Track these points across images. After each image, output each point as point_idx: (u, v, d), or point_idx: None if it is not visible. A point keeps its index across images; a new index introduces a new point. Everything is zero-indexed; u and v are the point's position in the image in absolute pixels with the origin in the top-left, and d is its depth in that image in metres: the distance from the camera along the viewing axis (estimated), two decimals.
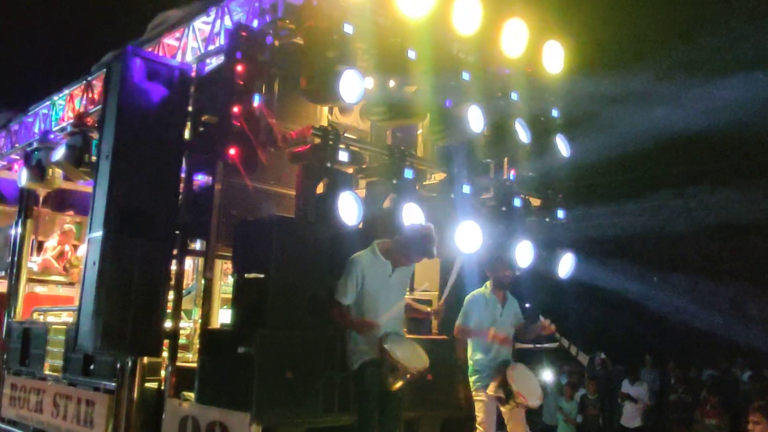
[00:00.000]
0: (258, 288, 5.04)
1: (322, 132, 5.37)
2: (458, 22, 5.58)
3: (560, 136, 6.72)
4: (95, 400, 6.12)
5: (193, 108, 5.65)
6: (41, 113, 8.26)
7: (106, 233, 5.22)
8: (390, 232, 5.20)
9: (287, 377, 4.78)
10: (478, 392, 5.61)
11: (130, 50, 5.66)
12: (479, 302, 5.75)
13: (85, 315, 5.25)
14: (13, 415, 7.60)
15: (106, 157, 5.38)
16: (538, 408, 5.82)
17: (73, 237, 9.44)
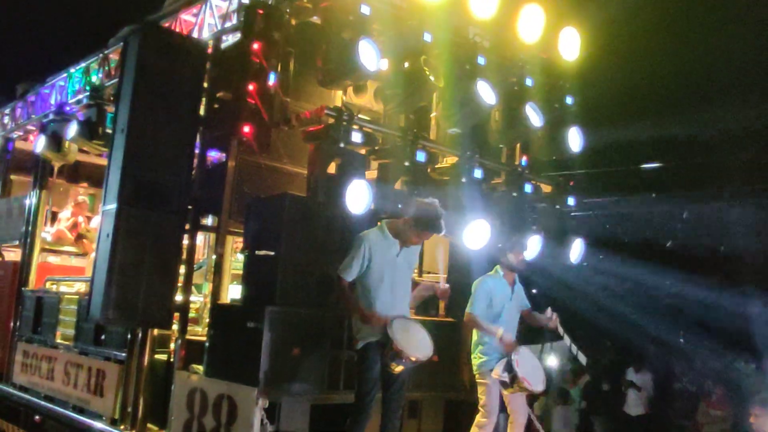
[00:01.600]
0: (268, 265, 5.06)
1: (335, 112, 5.36)
2: (475, 5, 5.55)
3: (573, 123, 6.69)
4: (106, 369, 6.20)
5: (208, 84, 5.66)
6: (58, 85, 8.29)
7: (120, 206, 5.24)
8: (398, 212, 5.20)
9: (294, 354, 4.83)
10: (483, 376, 5.62)
11: (146, 25, 5.66)
12: (488, 286, 5.76)
13: (98, 286, 5.28)
14: (24, 381, 7.70)
15: (122, 130, 5.39)
16: (542, 393, 5.84)
17: (87, 208, 9.52)
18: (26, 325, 7.88)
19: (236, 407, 4.66)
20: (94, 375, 6.36)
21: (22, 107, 9.32)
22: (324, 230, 5.17)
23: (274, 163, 6.02)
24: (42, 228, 8.74)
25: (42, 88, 8.65)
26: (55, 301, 7.45)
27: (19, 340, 8.03)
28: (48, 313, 7.50)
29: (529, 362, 5.60)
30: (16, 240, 8.87)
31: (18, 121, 9.43)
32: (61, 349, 7.06)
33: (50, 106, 8.26)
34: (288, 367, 4.79)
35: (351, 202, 5.06)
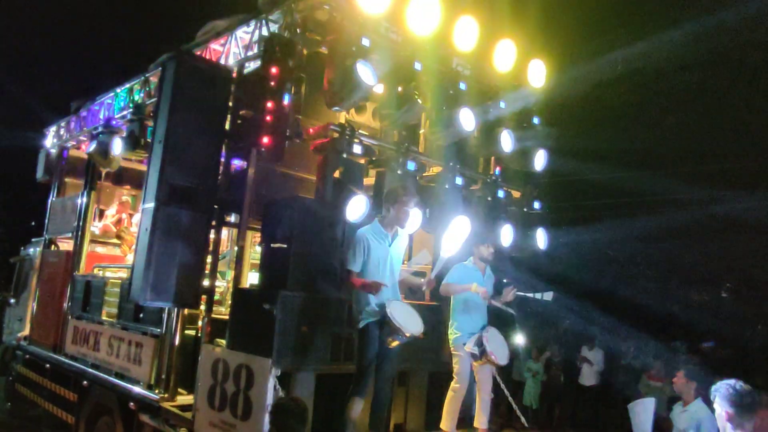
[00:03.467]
0: (281, 256, 5.04)
1: (339, 128, 5.37)
2: (458, 40, 5.56)
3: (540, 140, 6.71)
4: (143, 342, 6.18)
5: (232, 103, 5.65)
6: (106, 102, 8.26)
7: (157, 205, 5.22)
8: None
9: (302, 331, 4.82)
10: (457, 349, 5.65)
11: (182, 52, 5.65)
12: (462, 269, 5.79)
13: (138, 272, 5.27)
14: (74, 351, 7.67)
15: (159, 141, 5.37)
16: (505, 366, 5.84)
17: (129, 207, 9.50)
18: (77, 305, 7.85)
19: (253, 375, 4.64)
20: (133, 347, 6.34)
21: (75, 121, 9.30)
22: (328, 227, 5.17)
23: (287, 170, 6.05)
24: (91, 223, 8.72)
25: (92, 105, 8.63)
26: (101, 285, 7.43)
27: (70, 317, 7.99)
28: (95, 295, 7.48)
29: (497, 340, 5.63)
30: (69, 233, 8.84)
31: (72, 133, 9.41)
32: (106, 325, 7.03)
33: (99, 120, 8.24)
34: (297, 342, 4.79)
35: (350, 212, 5.06)
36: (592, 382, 12.50)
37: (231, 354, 4.92)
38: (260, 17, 5.61)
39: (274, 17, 5.49)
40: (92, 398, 7.06)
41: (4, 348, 10.90)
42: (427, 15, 5.14)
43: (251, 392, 4.61)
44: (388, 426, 5.24)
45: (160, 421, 5.61)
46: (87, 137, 8.73)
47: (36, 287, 9.44)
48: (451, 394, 5.66)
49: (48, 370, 8.33)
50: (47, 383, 8.30)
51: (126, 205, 9.46)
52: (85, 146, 8.94)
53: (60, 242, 9.39)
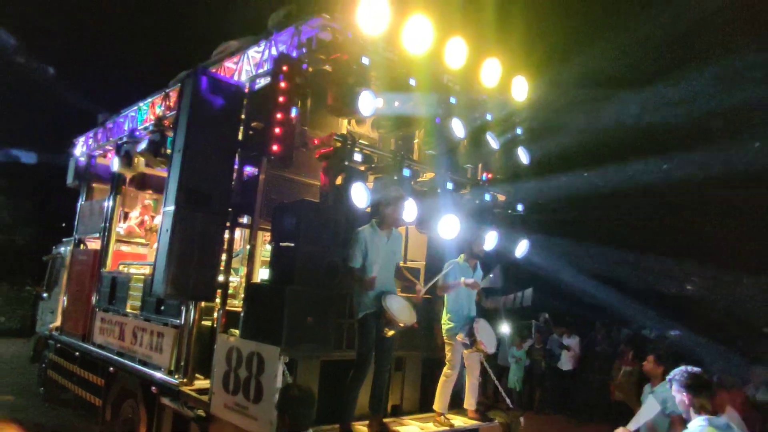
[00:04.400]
0: (289, 254, 5.06)
1: (342, 138, 5.38)
2: (448, 59, 5.61)
3: (522, 148, 6.73)
4: (164, 332, 6.19)
5: (245, 116, 5.66)
6: (130, 115, 8.28)
7: (176, 208, 5.23)
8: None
9: (308, 322, 4.83)
10: (449, 338, 5.66)
11: (199, 70, 5.65)
12: (455, 266, 5.81)
13: (159, 268, 5.27)
14: (101, 341, 7.68)
15: (179, 150, 5.39)
16: (493, 353, 5.87)
17: (151, 210, 9.50)
18: (103, 298, 7.86)
19: (264, 362, 4.64)
20: (155, 336, 6.34)
21: (102, 132, 9.31)
22: (331, 228, 5.18)
23: (294, 176, 6.04)
24: (116, 224, 8.75)
25: (117, 117, 8.65)
26: (126, 280, 7.44)
27: (97, 310, 8.00)
28: (120, 289, 7.49)
29: (485, 330, 5.64)
30: (97, 233, 8.86)
31: (99, 143, 9.43)
32: (130, 317, 7.04)
33: (124, 132, 8.26)
34: (303, 332, 4.79)
35: (355, 200, 5.09)
36: (569, 366, 12.52)
37: (244, 342, 4.93)
38: (269, 38, 5.64)
39: (282, 38, 5.51)
40: (118, 383, 7.07)
41: (37, 338, 10.90)
42: (420, 36, 5.17)
43: (262, 377, 4.62)
44: (386, 407, 5.25)
45: (179, 404, 5.62)
46: (113, 147, 8.76)
47: (66, 283, 9.45)
48: (443, 379, 5.67)
49: (77, 357, 8.33)
50: (77, 370, 8.31)
51: (148, 207, 9.47)
52: (110, 155, 8.95)
53: (88, 242, 9.41)
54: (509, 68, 6.18)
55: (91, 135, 9.72)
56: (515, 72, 6.30)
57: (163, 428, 5.95)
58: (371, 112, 5.17)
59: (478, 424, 5.62)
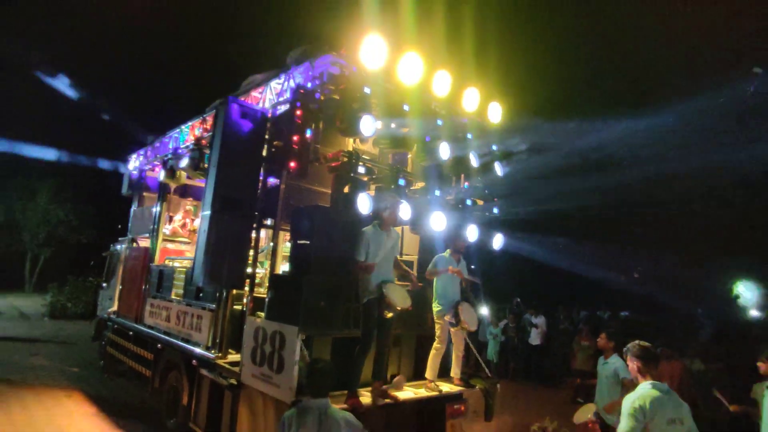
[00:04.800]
0: (305, 250, 5.04)
1: (348, 154, 5.38)
2: (436, 88, 5.58)
3: (497, 162, 6.72)
4: (202, 315, 6.17)
5: (268, 136, 5.66)
6: (173, 136, 8.26)
7: (212, 212, 5.24)
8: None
9: (321, 306, 4.82)
10: (439, 318, 5.66)
11: (230, 99, 5.65)
12: (442, 260, 5.81)
13: (198, 262, 5.28)
14: (151, 322, 7.67)
15: (214, 165, 5.39)
16: (474, 331, 5.86)
17: (192, 214, 9.49)
18: (152, 287, 7.84)
19: (284, 339, 4.63)
20: (195, 318, 6.33)
21: (150, 150, 9.31)
22: (340, 228, 5.16)
23: (309, 185, 6.04)
24: (163, 226, 8.74)
25: (163, 138, 8.63)
26: (171, 272, 7.43)
27: (147, 296, 7.98)
28: (166, 279, 7.47)
29: (468, 311, 5.64)
30: (147, 233, 8.85)
31: (148, 159, 9.41)
32: (174, 302, 7.02)
33: (168, 150, 8.25)
34: (317, 314, 4.78)
35: (359, 207, 5.09)
36: (537, 341, 12.50)
37: (268, 323, 4.92)
38: (288, 72, 5.64)
39: (299, 72, 5.52)
40: (164, 357, 7.06)
41: (98, 320, 10.88)
42: (412, 70, 5.16)
43: (284, 351, 4.61)
44: (386, 376, 5.23)
45: (215, 374, 5.61)
46: (159, 162, 8.75)
47: (122, 274, 9.44)
48: (433, 352, 5.67)
49: (131, 336, 8.32)
50: (131, 346, 8.29)
51: (189, 212, 9.46)
52: (158, 169, 8.95)
53: (140, 240, 9.39)
54: (486, 95, 6.17)
55: (141, 152, 9.73)
56: (491, 98, 6.29)
57: (201, 395, 5.93)
58: (372, 133, 5.17)
59: (462, 390, 5.61)
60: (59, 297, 19.24)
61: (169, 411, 6.68)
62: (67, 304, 19.11)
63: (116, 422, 6.95)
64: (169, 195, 8.89)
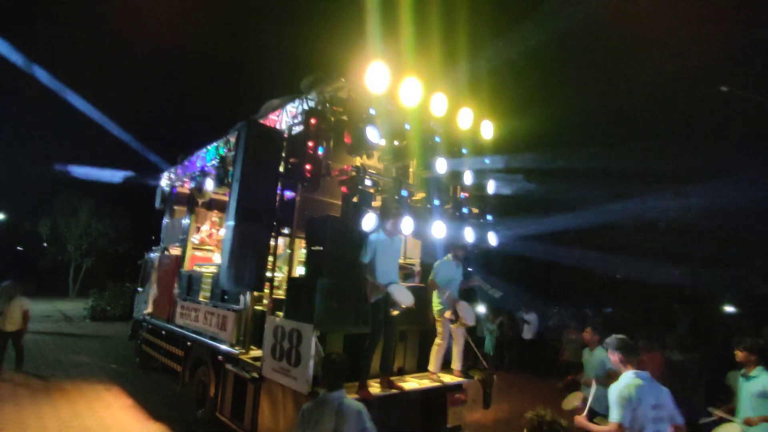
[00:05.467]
0: (319, 255, 5.05)
1: (356, 169, 5.38)
2: (433, 109, 5.60)
3: (490, 175, 6.71)
4: (227, 315, 6.18)
5: (285, 154, 5.68)
6: (201, 155, 8.33)
7: (236, 222, 5.25)
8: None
9: (334, 306, 4.82)
10: (439, 316, 5.63)
11: (251, 121, 5.71)
12: (444, 264, 5.78)
13: (223, 268, 5.28)
14: (181, 322, 7.67)
15: (237, 180, 5.41)
16: (473, 326, 5.82)
17: (218, 224, 9.54)
18: (183, 290, 7.85)
19: (301, 336, 4.63)
20: (221, 318, 6.33)
21: (180, 168, 9.37)
22: (350, 236, 5.16)
23: (321, 197, 6.05)
24: (192, 235, 8.76)
25: (191, 157, 8.70)
26: (199, 277, 7.44)
27: (178, 299, 8.00)
28: (195, 283, 7.48)
29: (466, 309, 5.61)
30: (177, 242, 8.90)
31: (178, 176, 9.47)
32: (202, 304, 7.02)
33: (196, 168, 8.30)
34: (330, 313, 4.77)
35: (365, 224, 5.09)
36: (530, 336, 12.40)
37: (286, 322, 4.92)
38: (302, 97, 5.69)
39: (311, 97, 5.56)
40: (193, 353, 7.05)
41: (134, 321, 10.91)
42: (412, 93, 5.19)
43: (300, 347, 4.60)
44: (392, 368, 5.21)
45: (239, 368, 5.60)
46: (188, 179, 8.81)
47: (155, 279, 9.47)
48: (435, 347, 5.63)
49: (164, 335, 8.33)
50: (163, 344, 8.30)
51: (215, 223, 9.50)
52: (187, 185, 9.01)
53: (171, 249, 9.44)
54: (479, 114, 6.19)
55: (172, 170, 9.80)
56: (484, 117, 6.30)
57: (227, 387, 5.92)
58: (377, 149, 5.19)
59: (462, 380, 5.57)
60: (99, 301, 19.33)
61: (198, 402, 6.66)
62: (106, 307, 19.18)
63: (151, 413, 6.94)
64: (197, 208, 8.93)
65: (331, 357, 3.28)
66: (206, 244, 9.18)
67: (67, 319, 18.68)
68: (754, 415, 4.21)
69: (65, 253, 28.05)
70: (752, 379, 4.31)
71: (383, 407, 4.66)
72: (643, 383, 3.13)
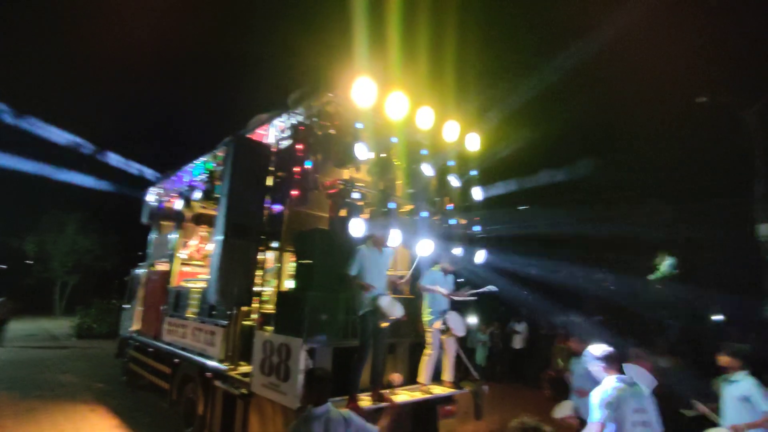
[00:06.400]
0: (307, 269, 5.05)
1: (343, 182, 5.42)
2: (419, 122, 5.63)
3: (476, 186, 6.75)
4: (215, 331, 6.11)
5: (273, 168, 5.68)
6: (188, 170, 8.28)
7: (224, 237, 5.23)
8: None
9: (323, 319, 4.79)
10: (429, 326, 5.62)
11: (238, 136, 5.71)
12: (433, 273, 5.80)
13: (211, 282, 5.25)
14: (168, 339, 7.56)
15: (225, 195, 5.41)
16: (463, 337, 5.82)
17: (206, 239, 9.46)
18: (170, 307, 7.76)
19: (290, 350, 4.59)
20: (209, 334, 6.26)
21: (167, 183, 9.30)
22: (338, 248, 5.17)
23: (310, 211, 6.05)
24: (179, 251, 8.67)
25: (179, 171, 8.65)
26: (187, 292, 7.36)
27: (165, 315, 7.89)
28: (183, 299, 7.40)
29: (456, 320, 5.61)
30: (165, 258, 8.80)
31: (166, 191, 9.41)
32: (190, 320, 6.94)
33: (184, 182, 8.26)
34: (319, 326, 4.75)
35: (354, 231, 5.09)
36: (520, 345, 12.41)
37: (275, 336, 4.88)
38: (290, 111, 5.71)
39: (299, 111, 5.59)
40: (181, 370, 6.94)
41: (120, 339, 10.72)
42: (398, 107, 5.23)
43: (289, 362, 4.56)
44: (382, 381, 5.18)
45: (228, 385, 5.53)
46: (176, 193, 8.75)
47: (143, 296, 9.34)
48: (425, 358, 5.61)
49: (151, 352, 8.19)
50: (150, 361, 8.16)
51: (203, 238, 9.43)
52: (174, 200, 8.94)
53: (158, 265, 9.33)
54: (465, 127, 6.24)
55: (159, 185, 9.73)
56: (470, 129, 6.37)
57: (216, 404, 5.82)
58: (364, 162, 5.22)
59: (453, 392, 5.54)
60: (86, 318, 18.96)
61: (187, 420, 6.54)
62: (92, 324, 18.81)
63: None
64: (185, 223, 8.86)
65: (315, 373, 3.27)
66: (194, 259, 9.08)
67: (53, 337, 18.27)
68: (736, 417, 4.26)
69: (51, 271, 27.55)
70: (735, 383, 4.37)
71: (373, 421, 4.61)
72: (626, 387, 3.19)
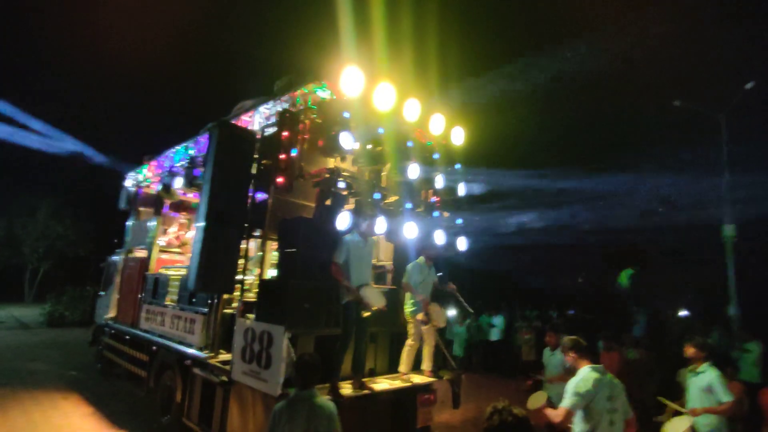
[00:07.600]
0: (291, 257, 5.00)
1: (329, 171, 5.39)
2: (406, 114, 5.62)
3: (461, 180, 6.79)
4: (195, 319, 6.01)
5: (257, 155, 5.59)
6: (169, 155, 8.09)
7: (206, 224, 5.11)
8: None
9: (305, 307, 4.77)
10: (411, 317, 5.66)
11: (222, 122, 5.60)
12: (416, 267, 5.81)
13: (191, 270, 5.12)
14: (146, 326, 7.41)
15: (207, 181, 5.28)
16: (443, 328, 5.88)
17: (186, 227, 9.27)
18: (148, 294, 7.59)
19: (272, 338, 4.55)
20: (188, 322, 6.16)
21: (147, 168, 9.04)
22: (323, 237, 5.14)
23: (294, 199, 5.97)
24: (158, 238, 8.49)
25: (159, 157, 8.44)
26: (166, 280, 7.21)
27: (143, 303, 7.72)
28: (161, 287, 7.25)
29: (438, 311, 5.66)
30: (143, 245, 8.59)
31: (145, 176, 9.15)
32: (169, 307, 6.81)
33: (165, 168, 8.06)
34: (302, 314, 4.73)
35: (340, 224, 5.06)
36: (497, 337, 12.62)
37: (257, 324, 4.83)
38: (276, 98, 5.63)
39: (285, 98, 5.51)
40: (159, 358, 6.82)
41: (95, 326, 10.45)
42: (386, 98, 5.21)
43: (271, 349, 4.52)
44: (363, 369, 5.19)
45: (207, 372, 5.46)
46: (156, 179, 8.54)
47: (119, 283, 9.12)
48: (406, 348, 5.65)
49: (127, 340, 8.01)
50: (127, 349, 7.98)
51: (183, 225, 9.24)
52: (154, 186, 8.73)
53: (136, 251, 9.11)
54: (451, 120, 6.27)
55: (138, 170, 9.47)
56: (455, 123, 6.40)
57: (195, 392, 5.75)
58: (350, 152, 5.19)
59: (432, 380, 5.61)
60: (57, 306, 18.39)
61: (164, 408, 6.43)
62: (65, 312, 18.26)
63: (112, 421, 6.65)
64: (164, 209, 8.65)
65: (303, 358, 3.26)
66: (173, 246, 8.90)
67: (23, 325, 17.67)
68: (700, 406, 4.43)
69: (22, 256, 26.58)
70: (699, 374, 4.53)
71: (355, 408, 4.64)
72: (599, 376, 3.30)
